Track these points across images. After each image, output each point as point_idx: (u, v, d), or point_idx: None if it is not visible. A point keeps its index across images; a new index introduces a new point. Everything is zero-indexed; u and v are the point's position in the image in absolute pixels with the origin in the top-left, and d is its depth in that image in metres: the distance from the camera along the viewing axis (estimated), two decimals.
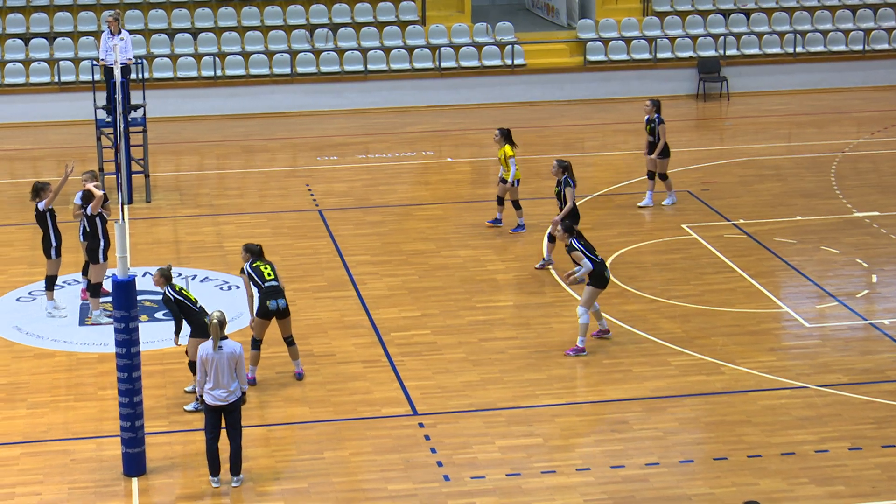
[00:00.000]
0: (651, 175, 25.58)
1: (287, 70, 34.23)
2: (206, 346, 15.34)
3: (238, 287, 21.71)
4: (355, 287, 21.73)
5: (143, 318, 20.17)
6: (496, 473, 15.84)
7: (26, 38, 34.23)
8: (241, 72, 34.11)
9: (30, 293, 21.57)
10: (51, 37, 34.38)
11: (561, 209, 22.13)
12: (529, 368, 18.72)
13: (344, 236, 24.15)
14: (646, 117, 25.51)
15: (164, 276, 17.43)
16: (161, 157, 29.26)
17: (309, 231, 24.55)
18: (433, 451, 16.37)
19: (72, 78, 33.44)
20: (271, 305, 17.80)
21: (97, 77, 28.06)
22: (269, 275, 17.88)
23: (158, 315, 20.56)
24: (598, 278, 18.93)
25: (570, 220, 21.00)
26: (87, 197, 20.11)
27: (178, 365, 18.62)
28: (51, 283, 20.55)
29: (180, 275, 21.49)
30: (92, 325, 20.27)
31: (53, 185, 20.58)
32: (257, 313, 17.96)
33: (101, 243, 20.08)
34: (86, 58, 33.37)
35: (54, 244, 20.34)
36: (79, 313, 20.77)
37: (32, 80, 33.39)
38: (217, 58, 34.01)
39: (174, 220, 25.22)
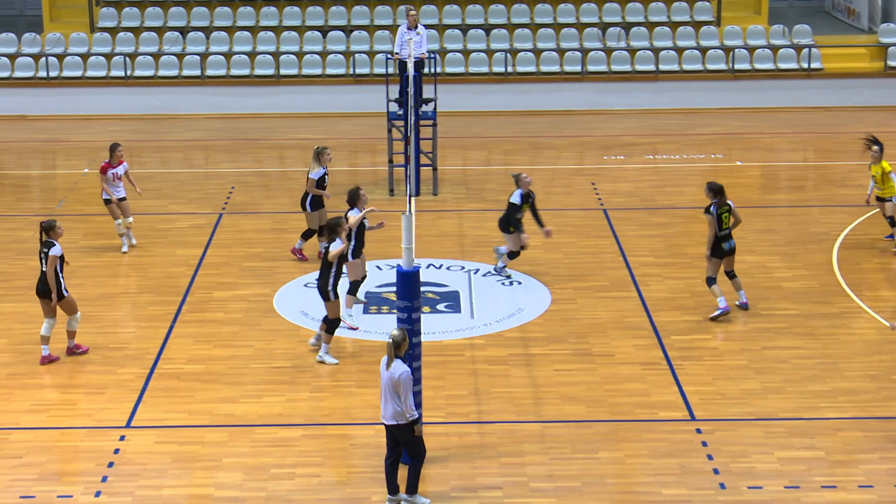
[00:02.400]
0: None
1: (577, 68, 34.20)
2: (382, 363, 14.91)
3: (520, 283, 21.76)
4: (637, 288, 21.53)
5: (425, 309, 20.39)
6: (774, 485, 15.46)
7: (324, 30, 35.12)
8: (532, 69, 34.24)
9: (317, 279, 21.97)
10: (347, 30, 35.18)
11: None
12: (813, 379, 18.22)
13: (628, 236, 23.97)
14: None
15: (516, 179, 21.48)
16: (449, 151, 29.58)
17: (593, 230, 24.44)
18: (710, 457, 16.09)
19: (366, 70, 34.15)
20: (725, 246, 19.92)
21: (391, 70, 28.54)
22: (725, 225, 19.83)
23: (440, 307, 20.77)
24: None
25: None
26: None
27: (456, 357, 18.78)
28: (355, 287, 20.67)
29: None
30: (375, 314, 20.61)
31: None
32: (712, 253, 19.99)
33: (352, 243, 20.18)
34: (380, 51, 34.03)
35: (353, 245, 20.39)
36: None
37: (329, 71, 34.23)
38: (508, 54, 34.22)
39: (459, 213, 25.46)
